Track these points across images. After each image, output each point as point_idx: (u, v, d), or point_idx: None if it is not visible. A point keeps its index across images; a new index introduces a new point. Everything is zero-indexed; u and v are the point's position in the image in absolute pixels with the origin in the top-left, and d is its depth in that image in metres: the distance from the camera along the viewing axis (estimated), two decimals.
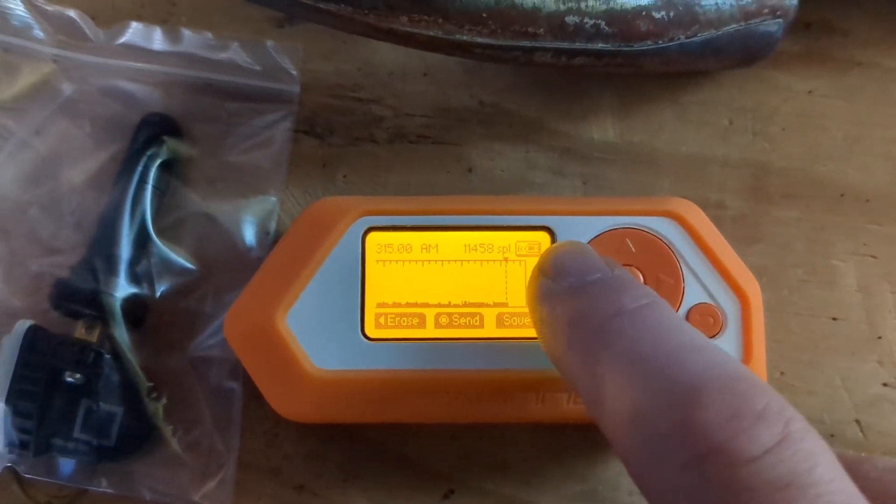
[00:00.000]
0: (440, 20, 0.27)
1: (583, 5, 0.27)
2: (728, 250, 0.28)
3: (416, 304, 0.28)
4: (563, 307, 0.23)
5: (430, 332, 0.28)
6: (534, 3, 0.27)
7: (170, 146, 0.31)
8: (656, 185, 0.33)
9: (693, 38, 0.29)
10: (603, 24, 0.28)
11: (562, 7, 0.27)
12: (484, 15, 0.27)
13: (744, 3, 0.29)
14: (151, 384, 0.30)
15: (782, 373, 0.31)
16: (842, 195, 0.33)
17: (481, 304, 0.28)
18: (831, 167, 0.33)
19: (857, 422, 0.31)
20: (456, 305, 0.28)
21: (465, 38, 0.27)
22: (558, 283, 0.24)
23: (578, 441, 0.31)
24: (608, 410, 0.20)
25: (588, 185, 0.33)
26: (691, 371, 0.19)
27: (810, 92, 0.34)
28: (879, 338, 0.31)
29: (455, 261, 0.28)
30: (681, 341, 0.20)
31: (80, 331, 0.30)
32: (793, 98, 0.33)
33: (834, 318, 0.32)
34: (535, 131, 0.33)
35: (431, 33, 0.27)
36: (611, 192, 0.33)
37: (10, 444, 0.29)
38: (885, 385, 0.31)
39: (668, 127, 0.33)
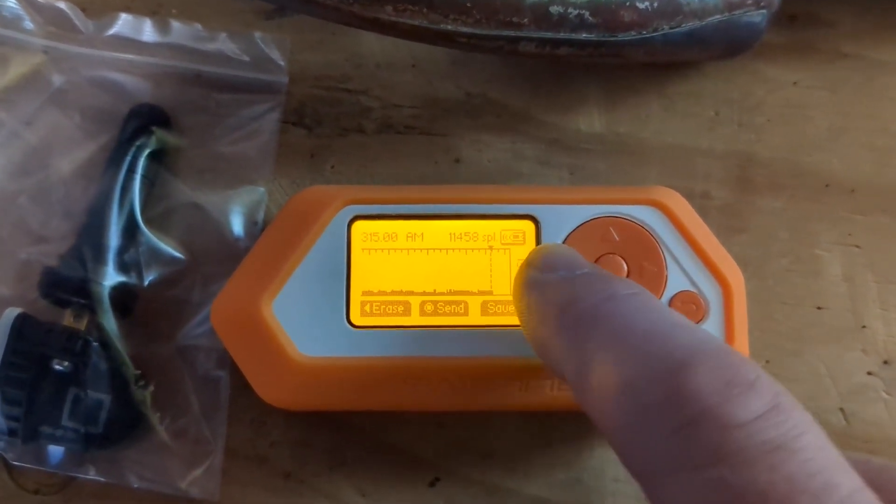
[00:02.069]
0: (424, 9, 0.27)
1: None
2: (711, 238, 0.28)
3: (401, 293, 0.28)
4: (554, 293, 0.23)
5: (415, 319, 0.28)
6: None
7: (158, 136, 0.32)
8: (642, 175, 0.33)
9: (677, 29, 0.29)
10: (587, 14, 0.28)
11: None
12: (468, 4, 0.27)
13: None
14: (139, 372, 0.30)
15: (767, 361, 0.31)
16: (826, 185, 0.33)
17: (466, 293, 0.28)
18: (816, 158, 0.33)
19: (842, 410, 0.31)
20: (441, 293, 0.28)
21: (449, 27, 0.27)
22: (547, 274, 0.24)
23: (564, 429, 0.31)
24: (595, 386, 0.20)
25: (575, 175, 0.33)
26: (682, 343, 0.19)
27: (795, 83, 0.34)
28: (864, 327, 0.31)
29: (440, 249, 0.28)
30: (671, 320, 0.21)
31: (68, 319, 0.30)
32: (778, 89, 0.34)
33: (818, 308, 0.32)
34: (522, 122, 0.33)
35: (416, 22, 0.27)
36: (597, 183, 0.33)
37: None
38: (869, 374, 0.31)
39: (654, 118, 0.33)
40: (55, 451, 0.30)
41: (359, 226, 0.28)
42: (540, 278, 0.24)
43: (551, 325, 0.23)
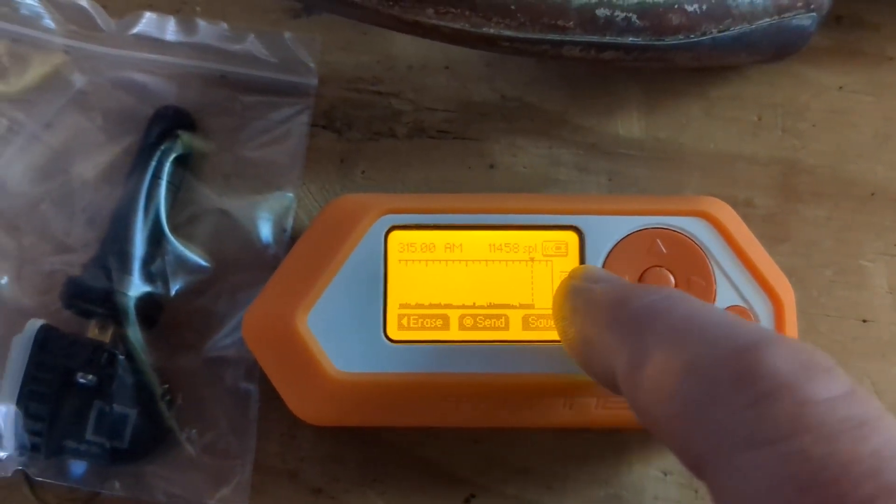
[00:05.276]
0: (467, 12, 0.26)
1: None
2: (761, 251, 0.27)
3: (439, 306, 0.27)
4: (604, 296, 0.22)
5: (453, 333, 0.27)
6: None
7: (184, 140, 0.31)
8: (683, 182, 0.32)
9: (726, 33, 0.28)
10: (634, 17, 0.27)
11: (592, 0, 0.26)
12: (512, 7, 0.26)
13: None
14: (166, 385, 0.29)
15: None
16: (872, 194, 0.32)
17: (506, 306, 0.27)
18: (861, 165, 0.32)
19: None
20: (480, 307, 0.27)
21: (492, 31, 0.26)
22: (593, 284, 0.23)
23: (602, 445, 0.30)
24: (651, 375, 0.19)
25: (613, 181, 0.32)
26: (751, 329, 0.18)
27: (841, 88, 0.33)
28: None
29: (480, 261, 0.27)
30: (733, 316, 0.20)
31: (92, 330, 0.29)
32: (823, 94, 0.33)
33: (864, 320, 0.31)
34: (559, 126, 0.32)
35: (458, 26, 0.26)
36: (637, 190, 0.32)
37: (20, 447, 0.28)
38: None
39: (695, 123, 0.32)
40: (78, 465, 0.29)
41: (396, 236, 0.27)
42: (585, 286, 0.23)
43: (600, 321, 0.22)
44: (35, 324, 0.28)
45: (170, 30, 0.31)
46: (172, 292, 0.30)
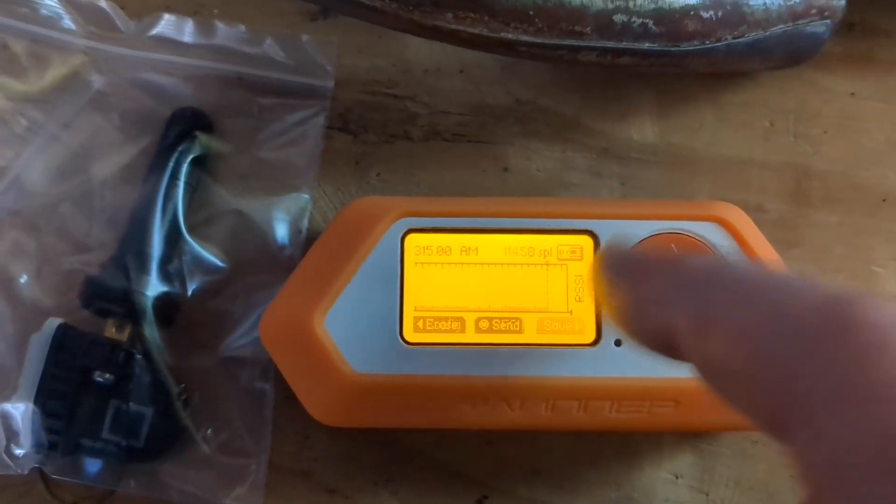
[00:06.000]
0: (486, 18, 0.26)
1: (631, 4, 0.27)
2: (774, 257, 0.28)
3: (455, 308, 0.27)
4: (654, 256, 0.21)
5: (469, 336, 0.27)
6: (582, 1, 0.26)
7: (201, 142, 0.31)
8: (695, 187, 0.32)
9: (740, 39, 0.28)
10: (651, 23, 0.27)
11: (610, 6, 0.27)
12: (531, 13, 0.26)
13: (792, 3, 0.29)
14: (182, 385, 0.29)
15: None
16: (883, 200, 0.32)
17: (522, 309, 0.27)
18: (873, 171, 0.32)
19: None
20: (496, 310, 0.27)
21: (510, 36, 0.27)
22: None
23: (614, 448, 0.30)
24: (725, 330, 0.18)
25: (626, 185, 0.32)
26: (833, 286, 0.17)
27: (853, 94, 0.33)
28: None
29: (495, 264, 0.28)
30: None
31: (110, 330, 0.29)
32: (835, 100, 0.33)
33: None
34: (573, 130, 0.33)
35: (476, 31, 0.26)
36: (649, 194, 0.32)
37: (37, 445, 0.28)
38: None
39: (707, 128, 0.33)
40: (94, 464, 0.29)
41: (412, 239, 0.27)
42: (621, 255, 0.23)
43: (656, 282, 0.20)
44: (53, 323, 0.29)
45: (188, 32, 0.31)
46: (189, 292, 0.30)
